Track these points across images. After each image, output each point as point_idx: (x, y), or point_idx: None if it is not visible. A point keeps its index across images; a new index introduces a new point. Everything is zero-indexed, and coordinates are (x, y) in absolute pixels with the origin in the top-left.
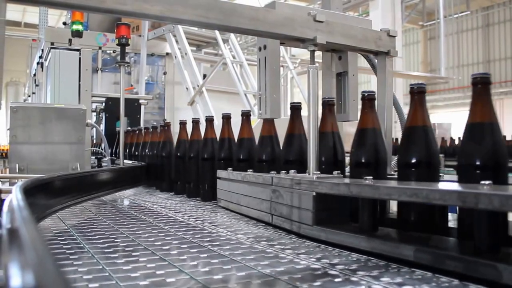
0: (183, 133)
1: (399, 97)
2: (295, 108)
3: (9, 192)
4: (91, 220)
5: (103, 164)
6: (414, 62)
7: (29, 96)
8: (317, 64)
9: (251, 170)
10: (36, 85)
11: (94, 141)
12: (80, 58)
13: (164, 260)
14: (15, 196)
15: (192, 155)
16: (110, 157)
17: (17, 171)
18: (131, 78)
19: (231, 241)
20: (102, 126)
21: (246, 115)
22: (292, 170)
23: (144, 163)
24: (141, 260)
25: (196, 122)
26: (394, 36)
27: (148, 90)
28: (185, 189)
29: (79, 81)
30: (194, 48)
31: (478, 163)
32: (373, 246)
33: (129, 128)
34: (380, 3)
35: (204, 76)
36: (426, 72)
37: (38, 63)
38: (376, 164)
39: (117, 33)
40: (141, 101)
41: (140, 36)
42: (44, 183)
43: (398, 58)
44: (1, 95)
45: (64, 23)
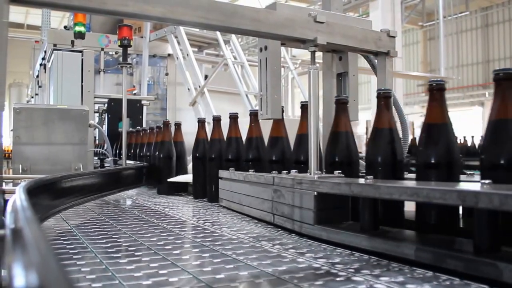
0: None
1: (399, 97)
2: (306, 107)
3: (12, 192)
4: (94, 220)
5: (105, 164)
6: (414, 62)
7: (32, 97)
8: (317, 65)
9: (252, 170)
10: (39, 87)
11: (97, 142)
12: (82, 59)
13: (166, 260)
14: (19, 196)
15: (198, 156)
16: (112, 157)
17: (20, 171)
18: (133, 79)
19: (233, 240)
20: (105, 126)
21: (254, 115)
22: (294, 170)
23: (146, 164)
24: (144, 259)
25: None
26: (394, 37)
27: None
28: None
29: (82, 82)
30: (196, 49)
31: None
32: (374, 245)
33: (131, 129)
34: (380, 4)
35: (206, 77)
36: (426, 72)
37: (41, 65)
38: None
39: (119, 35)
40: (143, 102)
41: (142, 37)
42: (47, 183)
43: (398, 58)
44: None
45: (66, 27)
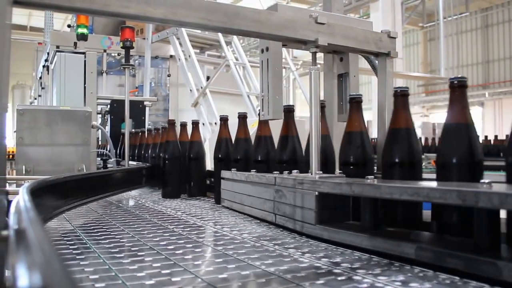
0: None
1: None
2: (321, 107)
3: (16, 193)
4: (97, 220)
5: (108, 165)
6: (414, 63)
7: (35, 98)
8: (318, 66)
9: (254, 170)
10: (42, 88)
11: (100, 143)
12: (85, 61)
13: (169, 260)
14: (22, 197)
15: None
16: (115, 158)
17: (23, 172)
18: (136, 81)
19: (235, 240)
20: (108, 128)
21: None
22: (295, 170)
23: (149, 164)
24: (146, 259)
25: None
26: (395, 38)
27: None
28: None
29: (85, 83)
30: (198, 51)
31: None
32: (375, 244)
33: (139, 129)
34: (381, 5)
35: (208, 78)
36: (426, 72)
37: (44, 66)
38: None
39: (121, 36)
40: (145, 103)
41: (144, 39)
42: (51, 184)
43: (399, 59)
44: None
45: (69, 26)
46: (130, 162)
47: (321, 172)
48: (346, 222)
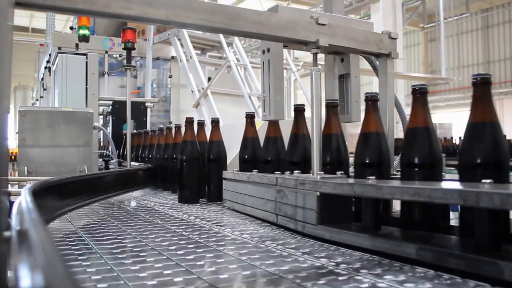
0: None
1: (400, 98)
2: (334, 106)
3: (18, 194)
4: (99, 221)
5: (110, 166)
6: (415, 64)
7: (37, 100)
8: (319, 66)
9: (256, 170)
10: (44, 89)
11: (102, 144)
12: (87, 62)
13: (171, 260)
14: (24, 198)
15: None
16: (117, 159)
17: (25, 173)
18: (137, 82)
19: (237, 241)
20: (109, 129)
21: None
22: (297, 171)
23: (150, 165)
24: (148, 260)
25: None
26: (395, 38)
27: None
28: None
29: (86, 85)
30: (199, 52)
31: None
32: (376, 244)
33: (135, 131)
34: (381, 6)
35: (209, 79)
36: (427, 73)
37: (45, 68)
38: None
39: (123, 38)
40: (147, 104)
41: (146, 40)
42: (53, 185)
43: (399, 59)
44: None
45: (71, 28)
46: (133, 163)
47: (323, 173)
48: (347, 222)
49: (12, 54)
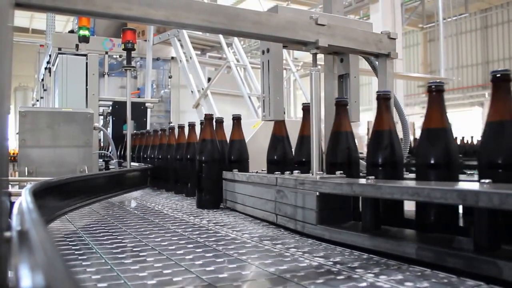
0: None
1: (399, 98)
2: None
3: (18, 195)
4: (99, 221)
5: (110, 166)
6: (414, 64)
7: (37, 100)
8: (319, 67)
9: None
10: (44, 90)
11: (102, 144)
12: (87, 63)
13: (171, 260)
14: (25, 198)
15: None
16: (117, 159)
17: (26, 174)
18: (137, 82)
19: (236, 240)
20: (109, 129)
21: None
22: (296, 171)
23: (150, 166)
24: (148, 260)
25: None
26: (395, 39)
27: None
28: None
29: (86, 85)
30: (199, 52)
31: None
32: (376, 244)
33: (136, 131)
34: (381, 6)
35: (209, 79)
36: (426, 73)
37: (46, 68)
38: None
39: (123, 38)
40: (147, 104)
41: (146, 41)
42: (53, 185)
43: (399, 60)
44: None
45: (71, 31)
46: (132, 163)
47: (322, 173)
48: (346, 222)
49: (12, 55)
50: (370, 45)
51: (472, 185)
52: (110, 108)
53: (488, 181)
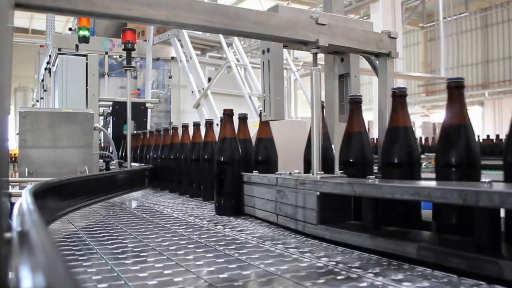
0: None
1: None
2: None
3: (19, 195)
4: (100, 222)
5: (111, 167)
6: (414, 63)
7: (37, 101)
8: (319, 66)
9: (256, 171)
10: (44, 90)
11: (102, 145)
12: (87, 63)
13: (171, 260)
14: (25, 199)
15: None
16: (117, 160)
17: (26, 175)
18: (137, 82)
19: (237, 241)
20: (110, 129)
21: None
22: (296, 170)
23: (151, 166)
24: (149, 260)
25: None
26: (395, 38)
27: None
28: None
29: (86, 85)
30: (199, 52)
31: None
32: (376, 244)
33: (136, 131)
34: (381, 6)
35: (209, 79)
36: (427, 72)
37: (45, 69)
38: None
39: (123, 38)
40: (147, 104)
41: (146, 41)
42: (53, 186)
43: (399, 59)
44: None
45: (70, 29)
46: (133, 164)
47: (323, 172)
48: (347, 222)
49: (12, 56)
50: (371, 45)
51: (473, 184)
52: (110, 108)
53: (489, 181)
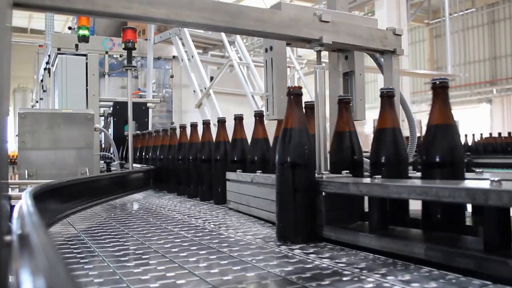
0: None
1: (406, 96)
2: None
3: (18, 198)
4: (101, 224)
5: (112, 168)
6: (420, 60)
7: (37, 102)
8: (323, 64)
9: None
10: (44, 91)
11: (103, 146)
12: (87, 63)
13: (174, 262)
14: (25, 202)
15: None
16: (119, 161)
17: (26, 177)
18: (138, 82)
19: (241, 242)
20: (110, 130)
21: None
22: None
23: (152, 167)
24: (151, 262)
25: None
26: (400, 35)
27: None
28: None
29: (87, 86)
30: (201, 51)
31: None
32: (383, 244)
33: (138, 132)
34: (386, 2)
35: (211, 78)
36: (433, 70)
37: (45, 69)
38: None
39: (123, 38)
40: (148, 104)
41: (146, 40)
42: (54, 188)
43: (404, 56)
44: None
45: (70, 28)
46: (134, 165)
47: (328, 172)
48: (353, 222)
49: (11, 56)
50: (375, 42)
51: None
52: (111, 108)
53: (498, 179)
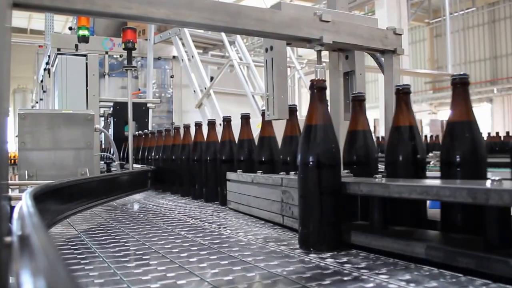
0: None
1: None
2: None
3: (19, 199)
4: (101, 225)
5: (112, 169)
6: (421, 60)
7: (37, 102)
8: (324, 64)
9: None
10: (44, 91)
11: (103, 146)
12: (86, 63)
13: (174, 263)
14: (25, 202)
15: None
16: (119, 161)
17: (26, 177)
18: (138, 82)
19: (241, 242)
20: (111, 130)
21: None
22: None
23: (153, 167)
24: (151, 263)
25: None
26: (400, 34)
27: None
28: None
29: (87, 86)
30: (201, 51)
31: None
32: (384, 244)
33: (139, 132)
34: (386, 2)
35: (212, 78)
36: (433, 69)
37: (45, 69)
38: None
39: (123, 38)
40: (149, 104)
41: (146, 40)
42: (54, 189)
43: (405, 56)
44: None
45: (70, 28)
46: (134, 165)
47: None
48: (353, 222)
49: (11, 56)
50: (376, 41)
51: (482, 182)
52: (111, 109)
53: (498, 179)
